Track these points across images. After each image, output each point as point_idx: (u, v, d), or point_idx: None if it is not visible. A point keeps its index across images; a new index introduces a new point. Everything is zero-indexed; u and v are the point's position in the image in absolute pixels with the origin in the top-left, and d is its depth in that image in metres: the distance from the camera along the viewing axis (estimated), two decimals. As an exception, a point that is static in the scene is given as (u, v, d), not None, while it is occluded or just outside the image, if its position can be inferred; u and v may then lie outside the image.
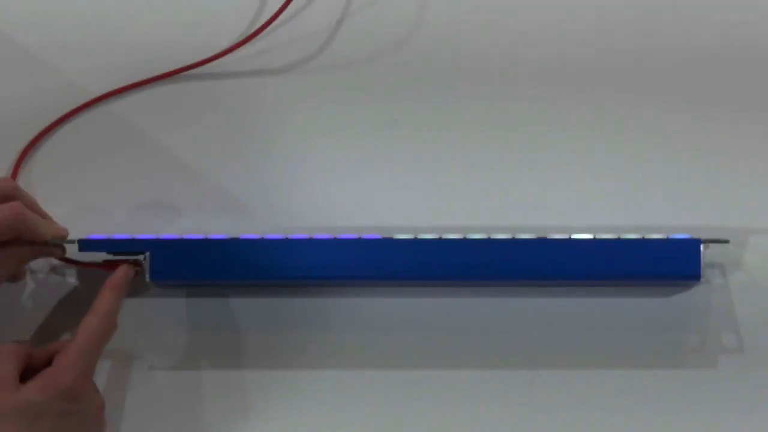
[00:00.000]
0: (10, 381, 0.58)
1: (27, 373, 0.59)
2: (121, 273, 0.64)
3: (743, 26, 0.72)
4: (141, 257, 0.65)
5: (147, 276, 0.64)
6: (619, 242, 0.65)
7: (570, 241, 0.65)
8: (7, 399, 0.57)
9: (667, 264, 0.65)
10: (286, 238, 0.65)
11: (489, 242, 0.65)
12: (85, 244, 0.65)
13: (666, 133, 0.71)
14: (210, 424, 0.68)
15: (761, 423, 0.68)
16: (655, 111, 0.71)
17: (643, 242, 0.65)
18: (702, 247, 0.65)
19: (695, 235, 0.65)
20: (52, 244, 0.64)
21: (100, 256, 0.66)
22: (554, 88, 0.71)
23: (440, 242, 0.65)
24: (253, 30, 0.71)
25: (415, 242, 0.65)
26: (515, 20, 0.72)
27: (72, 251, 0.66)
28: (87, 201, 0.70)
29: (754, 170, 0.70)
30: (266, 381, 0.69)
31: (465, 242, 0.65)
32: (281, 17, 0.71)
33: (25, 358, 0.60)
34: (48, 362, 0.60)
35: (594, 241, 0.65)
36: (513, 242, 0.65)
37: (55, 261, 0.68)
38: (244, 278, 0.65)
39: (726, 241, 0.66)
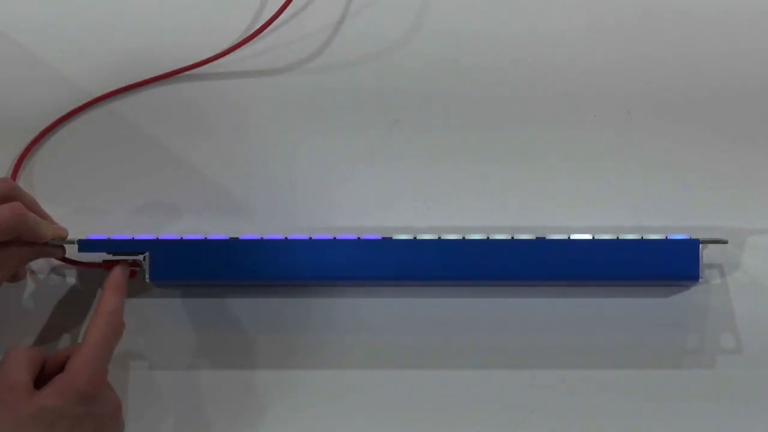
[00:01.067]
0: (24, 388, 0.58)
1: (41, 380, 0.59)
2: (119, 272, 0.64)
3: (737, 28, 0.72)
4: (141, 257, 0.65)
5: (147, 276, 0.64)
6: (617, 243, 0.65)
7: (569, 241, 0.65)
8: (23, 406, 0.57)
9: (665, 264, 0.65)
10: (286, 238, 0.65)
11: (488, 243, 0.65)
12: (85, 245, 0.65)
13: (665, 133, 0.71)
14: (210, 424, 0.68)
15: (759, 423, 0.68)
16: (654, 112, 0.71)
17: (641, 243, 0.65)
18: (701, 247, 0.65)
19: (694, 236, 0.65)
20: (53, 245, 0.64)
21: (100, 257, 0.66)
22: (554, 89, 0.71)
23: (439, 243, 0.65)
24: (253, 30, 0.71)
25: (415, 242, 0.65)
26: (515, 20, 0.72)
27: (72, 251, 0.66)
28: (87, 201, 0.70)
29: (752, 170, 0.70)
30: (266, 381, 0.69)
31: (464, 243, 0.65)
32: (281, 17, 0.71)
33: (39, 364, 0.60)
34: (61, 368, 0.60)
35: (593, 241, 0.65)
36: (512, 243, 0.65)
37: (55, 261, 0.68)
38: (244, 278, 0.65)
39: (725, 242, 0.66)
